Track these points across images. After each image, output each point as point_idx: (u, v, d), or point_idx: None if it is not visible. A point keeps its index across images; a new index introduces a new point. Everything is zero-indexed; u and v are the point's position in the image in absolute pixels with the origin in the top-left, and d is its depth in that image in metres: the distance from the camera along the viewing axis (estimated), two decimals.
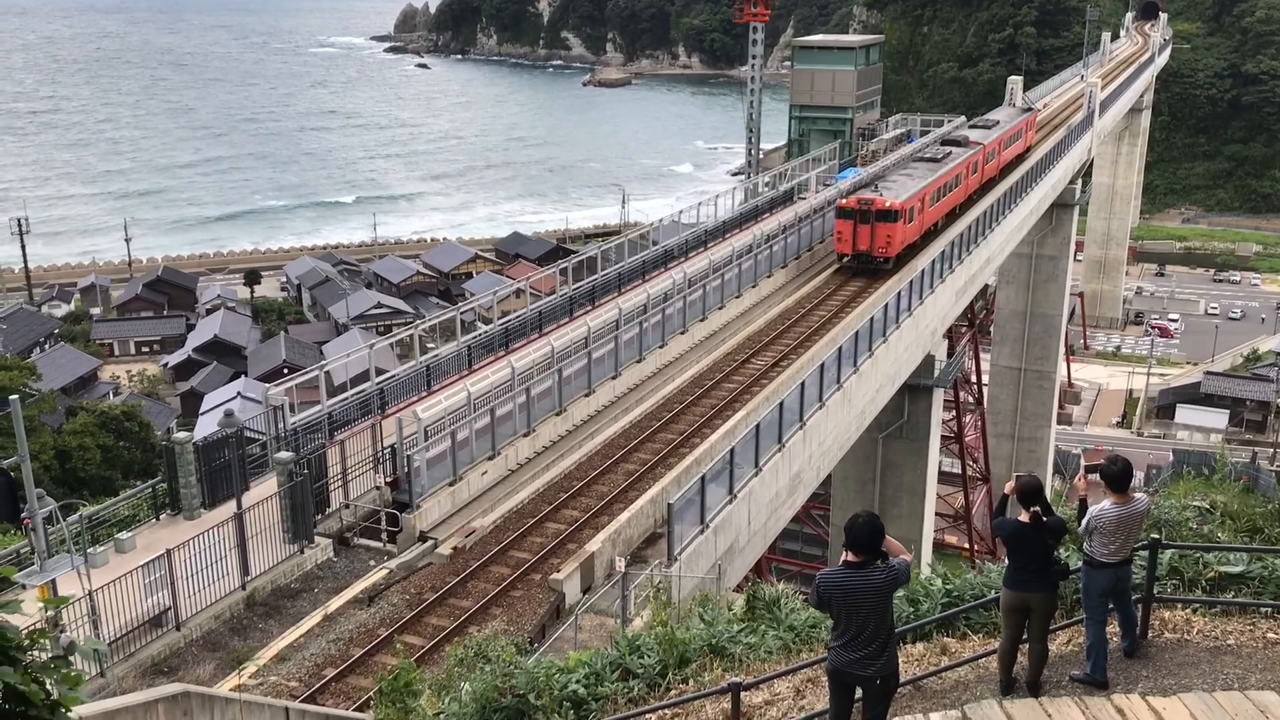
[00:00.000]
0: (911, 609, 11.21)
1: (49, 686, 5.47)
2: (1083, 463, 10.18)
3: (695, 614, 12.44)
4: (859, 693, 8.69)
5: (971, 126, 67.55)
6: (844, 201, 47.03)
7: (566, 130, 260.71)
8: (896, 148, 71.56)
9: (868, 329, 35.87)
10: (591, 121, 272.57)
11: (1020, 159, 68.17)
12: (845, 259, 47.05)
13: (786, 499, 30.59)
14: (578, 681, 10.89)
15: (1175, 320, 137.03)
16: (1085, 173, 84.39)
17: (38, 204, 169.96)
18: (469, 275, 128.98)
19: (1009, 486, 9.61)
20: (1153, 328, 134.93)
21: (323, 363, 29.00)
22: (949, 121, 78.85)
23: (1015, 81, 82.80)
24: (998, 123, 66.79)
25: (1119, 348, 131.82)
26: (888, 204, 46.02)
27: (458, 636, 19.97)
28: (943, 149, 57.43)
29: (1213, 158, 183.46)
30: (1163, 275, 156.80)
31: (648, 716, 10.56)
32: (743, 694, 9.81)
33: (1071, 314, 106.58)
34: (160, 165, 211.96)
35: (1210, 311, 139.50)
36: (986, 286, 71.76)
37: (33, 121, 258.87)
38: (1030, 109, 75.63)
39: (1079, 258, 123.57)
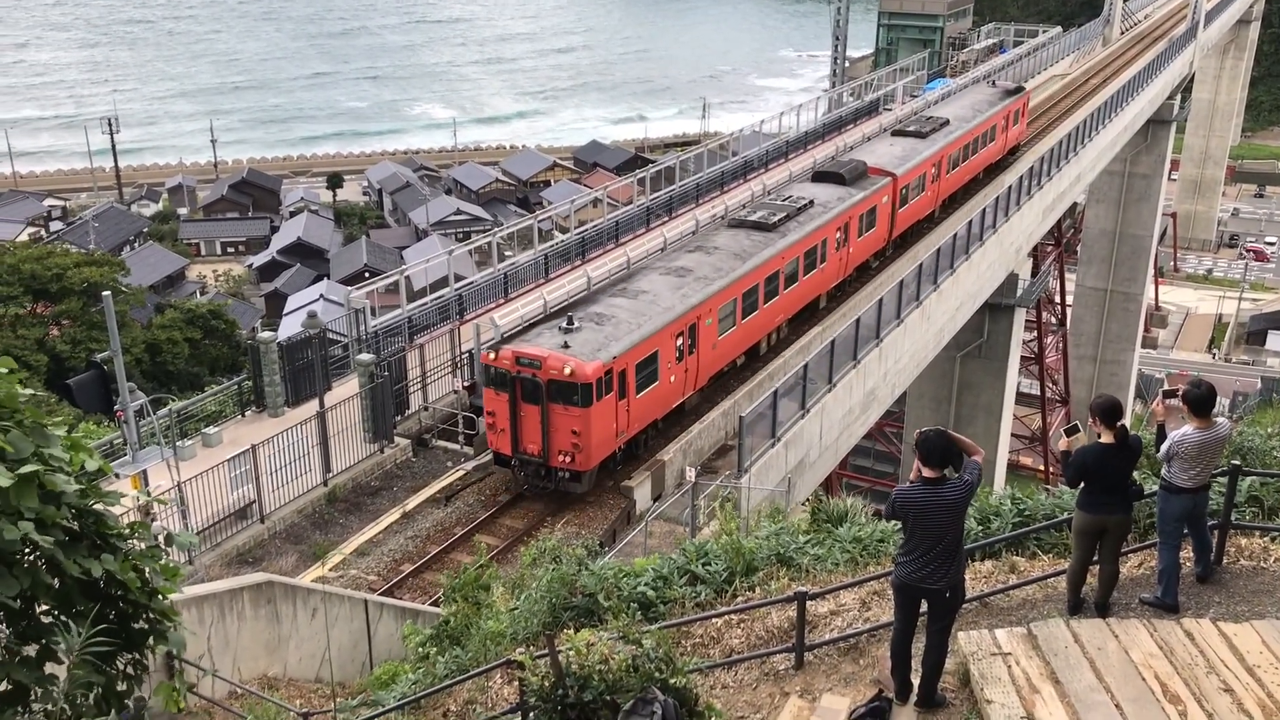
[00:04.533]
0: (981, 528, 11.22)
1: (146, 574, 5.80)
2: (1164, 387, 10.00)
3: (761, 524, 12.59)
4: (924, 606, 8.77)
5: (895, 133, 41.70)
6: (490, 355, 23.03)
7: (648, 35, 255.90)
8: (988, 59, 69.01)
9: (950, 246, 35.29)
10: (673, 26, 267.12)
11: (994, 169, 47.57)
12: (508, 462, 23.54)
13: (859, 415, 30.56)
14: (646, 584, 11.15)
15: (1272, 243, 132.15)
16: (1185, 88, 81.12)
17: (144, 119, 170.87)
18: (547, 183, 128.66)
19: (1065, 443, 9.52)
20: (1247, 250, 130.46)
21: (403, 267, 29.42)
22: (1043, 32, 75.98)
23: None
24: (945, 123, 41.95)
25: (1210, 271, 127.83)
26: (568, 368, 21.92)
27: (530, 537, 20.44)
28: (803, 193, 32.87)
29: None
30: (1262, 196, 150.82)
31: (714, 621, 10.79)
32: (808, 603, 9.96)
33: (1162, 235, 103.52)
34: (267, 79, 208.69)
35: None
36: (1075, 205, 69.86)
37: (147, 29, 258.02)
38: (1020, 88, 51.88)
39: (1173, 177, 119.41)
